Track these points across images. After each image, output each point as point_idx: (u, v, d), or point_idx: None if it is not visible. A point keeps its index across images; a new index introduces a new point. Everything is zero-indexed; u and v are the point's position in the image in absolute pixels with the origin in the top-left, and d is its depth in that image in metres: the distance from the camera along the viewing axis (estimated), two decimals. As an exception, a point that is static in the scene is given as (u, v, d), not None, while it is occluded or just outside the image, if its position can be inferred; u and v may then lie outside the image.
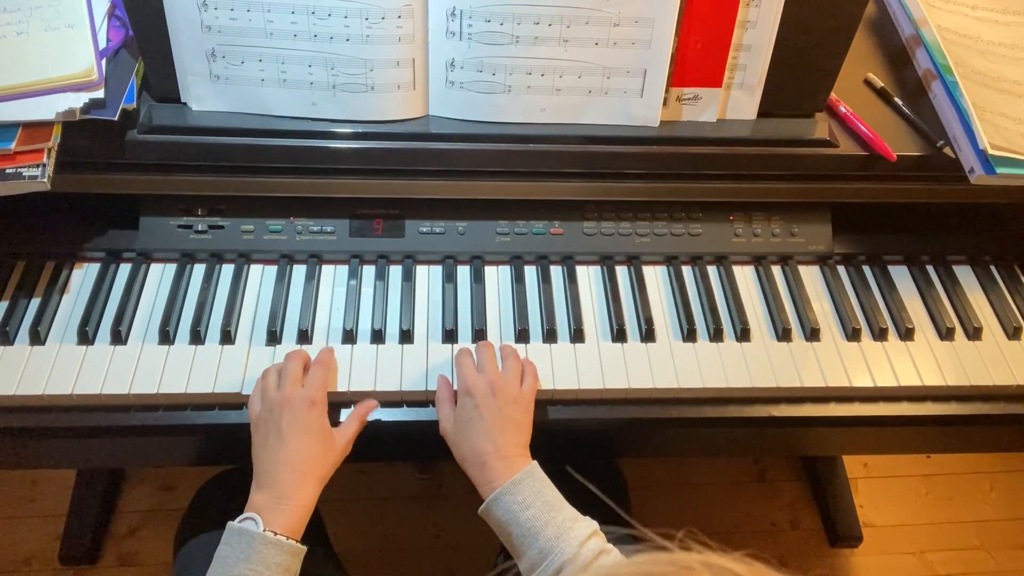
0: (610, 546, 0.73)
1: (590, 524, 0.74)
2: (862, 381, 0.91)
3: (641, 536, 0.38)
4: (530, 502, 0.74)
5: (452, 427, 0.82)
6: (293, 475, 0.76)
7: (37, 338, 0.88)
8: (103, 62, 0.87)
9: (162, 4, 0.83)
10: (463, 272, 0.98)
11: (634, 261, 1.00)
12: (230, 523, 0.73)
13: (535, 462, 0.78)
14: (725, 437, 0.98)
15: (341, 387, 0.87)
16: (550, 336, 0.93)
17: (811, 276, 1.01)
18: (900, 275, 1.02)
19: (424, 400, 0.88)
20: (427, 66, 0.88)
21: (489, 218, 0.98)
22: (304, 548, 0.74)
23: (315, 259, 0.97)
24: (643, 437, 0.99)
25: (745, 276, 1.00)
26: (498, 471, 0.77)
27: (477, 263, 0.98)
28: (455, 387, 0.85)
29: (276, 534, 0.72)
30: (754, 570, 0.35)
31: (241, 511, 0.75)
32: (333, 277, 0.97)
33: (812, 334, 0.95)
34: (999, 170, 0.87)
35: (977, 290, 1.02)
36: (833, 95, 0.95)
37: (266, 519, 0.73)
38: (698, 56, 0.88)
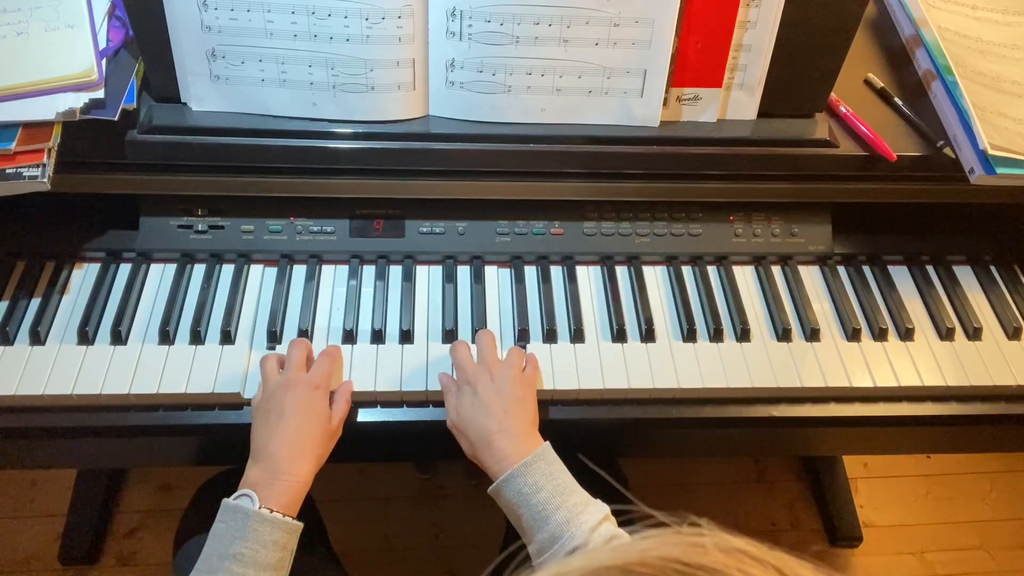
0: (621, 531, 0.72)
1: (601, 509, 0.73)
2: (862, 381, 0.91)
3: (646, 517, 0.39)
4: (541, 485, 0.74)
5: (456, 415, 0.81)
6: (291, 450, 0.75)
7: (37, 338, 0.88)
8: (103, 62, 0.87)
9: (162, 4, 0.83)
10: (463, 272, 0.98)
11: (634, 261, 1.00)
12: (225, 500, 0.72)
13: (547, 443, 0.78)
14: (725, 437, 0.98)
15: (341, 387, 0.87)
16: (550, 336, 0.93)
17: (811, 276, 1.01)
18: (900, 275, 1.02)
19: (424, 400, 0.88)
20: (427, 66, 0.88)
21: (489, 218, 0.98)
22: (300, 525, 0.74)
23: (315, 259, 0.97)
24: (643, 437, 0.99)
25: (745, 276, 1.00)
26: (506, 450, 0.76)
27: (477, 263, 0.98)
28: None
29: (272, 511, 0.71)
30: (760, 550, 0.35)
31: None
32: (333, 277, 0.97)
33: (812, 334, 0.95)
34: (999, 170, 0.87)
35: (977, 290, 1.02)
36: (833, 95, 0.95)
37: (262, 496, 0.72)
38: (698, 56, 0.88)
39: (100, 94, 0.85)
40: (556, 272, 0.99)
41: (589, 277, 0.99)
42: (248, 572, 0.69)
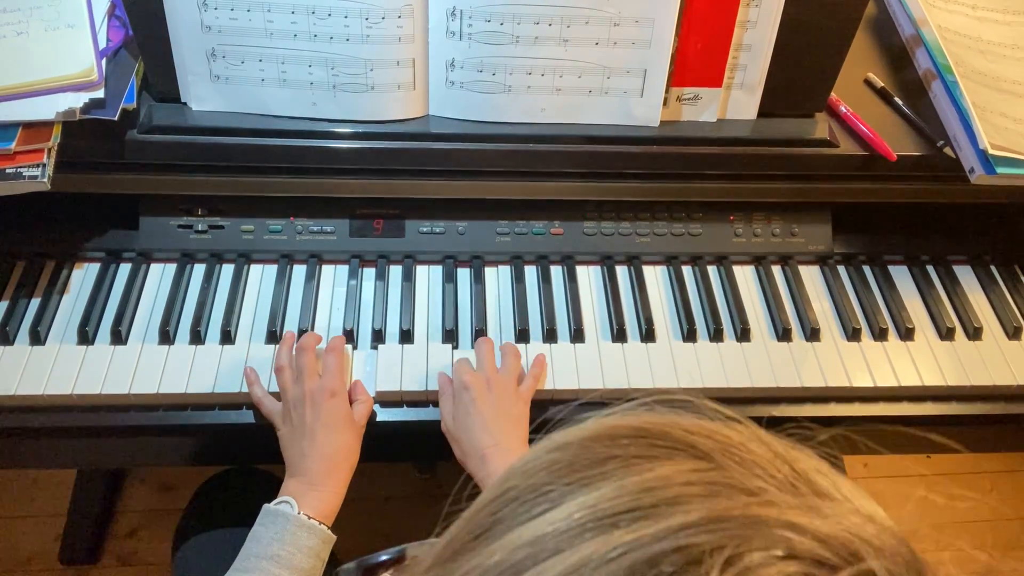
0: None
1: None
2: (862, 381, 0.91)
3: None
4: None
5: (452, 422, 0.82)
6: (325, 464, 0.78)
7: (37, 338, 0.88)
8: (103, 62, 0.87)
9: (162, 4, 0.83)
10: (463, 272, 0.98)
11: (634, 261, 1.00)
12: (266, 505, 0.75)
13: None
14: (725, 437, 0.98)
15: (341, 387, 0.87)
16: (550, 336, 0.93)
17: (811, 276, 1.01)
18: (900, 275, 1.02)
19: (424, 400, 0.88)
20: (427, 66, 0.88)
21: (489, 218, 0.98)
22: (334, 537, 0.76)
23: (315, 259, 0.97)
24: (643, 437, 0.99)
25: (745, 276, 1.00)
26: (499, 465, 0.77)
27: (477, 263, 0.98)
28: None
29: (310, 518, 0.74)
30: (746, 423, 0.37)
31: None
32: (333, 277, 0.97)
33: (812, 334, 0.95)
34: (999, 170, 0.87)
35: (977, 290, 1.02)
36: (833, 95, 0.95)
37: (300, 503, 0.75)
38: (698, 56, 0.88)
39: (100, 94, 0.85)
40: (556, 272, 0.99)
41: (589, 277, 0.99)
42: (283, 574, 0.71)
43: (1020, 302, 1.00)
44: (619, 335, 0.93)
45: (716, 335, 0.94)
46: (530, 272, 0.98)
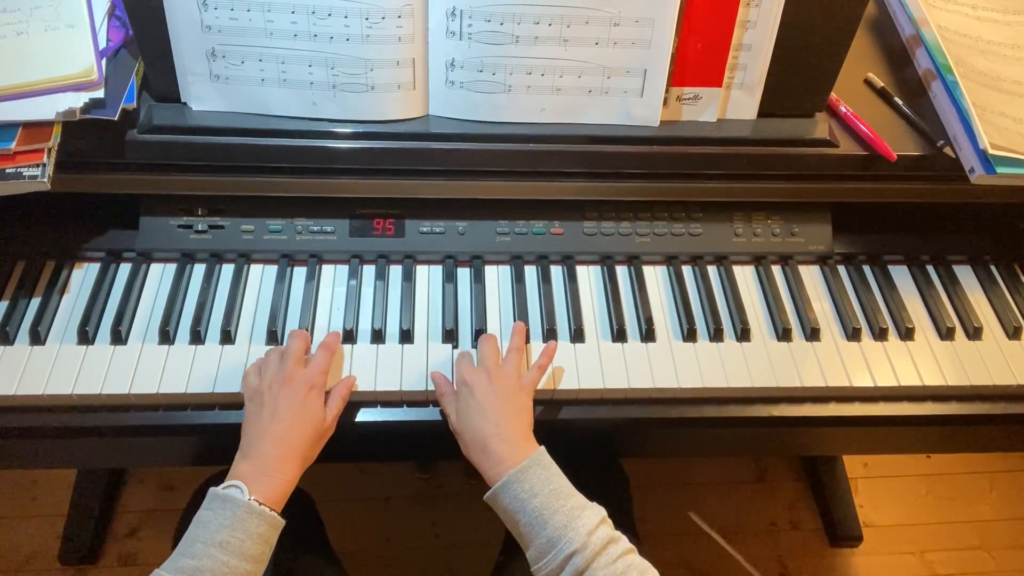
0: (618, 534, 0.73)
1: (598, 511, 0.74)
2: (862, 381, 0.91)
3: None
4: (538, 490, 0.74)
5: (456, 418, 0.82)
6: (281, 450, 0.76)
7: (37, 338, 0.88)
8: (103, 62, 0.87)
9: (162, 4, 0.83)
10: (463, 272, 0.98)
11: (634, 261, 1.00)
12: (213, 488, 0.73)
13: (542, 448, 0.78)
14: (725, 437, 0.98)
15: (341, 387, 0.87)
16: (550, 336, 0.93)
17: (811, 276, 1.01)
18: (900, 275, 1.02)
19: (424, 400, 0.88)
20: (427, 66, 0.88)
21: (489, 218, 0.98)
22: (283, 522, 0.74)
23: (315, 259, 0.97)
24: (643, 437, 0.99)
25: (745, 276, 1.00)
26: (502, 455, 0.76)
27: (477, 263, 0.98)
28: (453, 383, 0.86)
29: (260, 504, 0.72)
30: None
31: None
32: (333, 277, 0.97)
33: (812, 334, 0.95)
34: (999, 170, 0.87)
35: (977, 290, 1.02)
36: (833, 95, 0.95)
37: (251, 488, 0.73)
38: (698, 56, 0.88)
39: (100, 94, 0.85)
40: (556, 272, 0.99)
41: (589, 277, 0.99)
42: (232, 561, 0.69)
43: (1020, 302, 1.01)
44: (619, 335, 0.93)
45: (716, 335, 0.94)
46: (530, 272, 0.98)
